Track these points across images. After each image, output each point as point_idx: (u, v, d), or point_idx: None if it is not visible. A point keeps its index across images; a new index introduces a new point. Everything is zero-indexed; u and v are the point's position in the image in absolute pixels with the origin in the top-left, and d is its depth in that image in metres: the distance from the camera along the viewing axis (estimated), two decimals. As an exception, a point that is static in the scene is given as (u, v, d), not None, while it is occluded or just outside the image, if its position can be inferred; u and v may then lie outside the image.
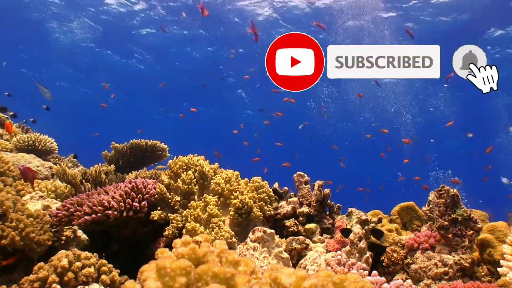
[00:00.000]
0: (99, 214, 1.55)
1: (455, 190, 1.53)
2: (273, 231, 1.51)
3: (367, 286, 0.54)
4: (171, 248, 0.55)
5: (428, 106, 12.03)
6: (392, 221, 1.93)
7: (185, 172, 1.86)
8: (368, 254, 1.50)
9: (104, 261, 1.35)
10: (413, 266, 1.46)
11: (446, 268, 1.39)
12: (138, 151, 2.75)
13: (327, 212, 2.01)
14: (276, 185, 2.09)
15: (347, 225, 1.82)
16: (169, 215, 1.70)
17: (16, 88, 11.04)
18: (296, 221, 1.86)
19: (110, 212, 1.55)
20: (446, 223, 1.49)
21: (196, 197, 1.85)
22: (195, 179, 1.84)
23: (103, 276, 1.31)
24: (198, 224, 1.61)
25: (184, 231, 1.58)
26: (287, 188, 2.11)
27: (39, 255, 1.39)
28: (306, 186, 2.04)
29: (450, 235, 1.48)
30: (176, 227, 1.65)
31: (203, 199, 1.74)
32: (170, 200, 1.74)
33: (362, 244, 1.50)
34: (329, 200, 1.99)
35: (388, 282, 1.20)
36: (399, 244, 1.60)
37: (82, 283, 1.26)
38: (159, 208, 1.73)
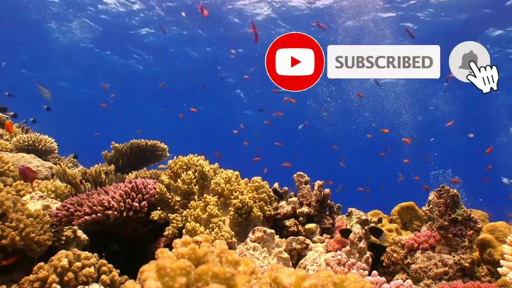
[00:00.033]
0: (99, 214, 1.55)
1: (455, 190, 1.53)
2: (273, 231, 1.51)
3: (367, 286, 0.54)
4: (171, 248, 0.55)
5: (428, 105, 12.04)
6: (392, 221, 1.93)
7: (185, 172, 1.86)
8: (368, 254, 1.50)
9: (104, 261, 1.35)
10: (413, 266, 1.46)
11: (446, 268, 1.39)
12: (138, 151, 2.75)
13: (327, 212, 2.01)
14: (276, 185, 2.09)
15: (347, 225, 1.82)
16: (169, 215, 1.70)
17: (16, 88, 11.06)
18: (296, 221, 1.86)
19: (110, 212, 1.55)
20: (446, 223, 1.49)
21: (196, 197, 1.85)
22: (195, 179, 1.84)
23: (103, 276, 1.31)
24: (198, 224, 1.61)
25: (184, 231, 1.58)
26: (287, 188, 2.11)
27: (39, 255, 1.39)
28: (306, 186, 2.04)
29: (450, 235, 1.48)
30: (176, 227, 1.65)
31: (203, 199, 1.74)
32: (170, 200, 1.74)
33: (362, 244, 1.50)
34: (329, 200, 1.99)
35: (388, 282, 1.20)
36: (399, 244, 1.60)
37: (82, 283, 1.26)
38: (159, 208, 1.73)
